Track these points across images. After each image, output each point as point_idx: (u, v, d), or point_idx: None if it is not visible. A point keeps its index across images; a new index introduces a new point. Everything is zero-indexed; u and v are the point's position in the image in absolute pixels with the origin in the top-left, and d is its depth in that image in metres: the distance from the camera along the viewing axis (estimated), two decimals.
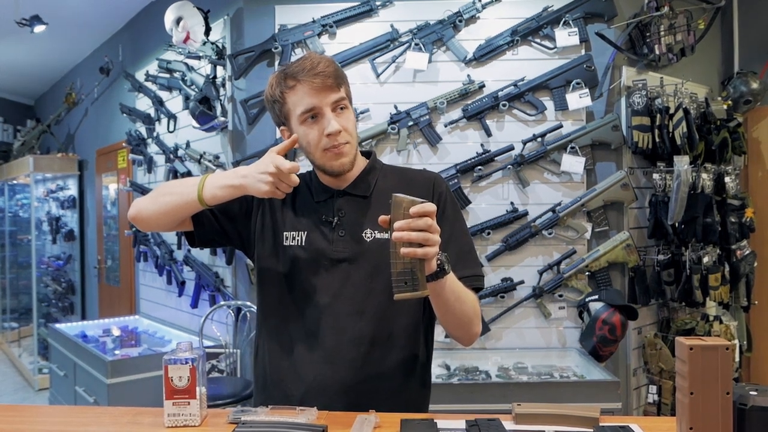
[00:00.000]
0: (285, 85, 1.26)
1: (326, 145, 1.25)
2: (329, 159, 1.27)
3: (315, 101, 1.24)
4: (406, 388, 1.33)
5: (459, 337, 1.31)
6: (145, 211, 1.32)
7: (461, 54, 2.89)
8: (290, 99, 1.26)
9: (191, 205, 1.27)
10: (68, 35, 4.85)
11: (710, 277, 2.85)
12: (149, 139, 4.00)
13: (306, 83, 1.23)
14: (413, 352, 1.33)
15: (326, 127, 1.24)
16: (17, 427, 1.19)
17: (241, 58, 3.04)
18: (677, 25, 2.88)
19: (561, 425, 1.13)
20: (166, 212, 1.29)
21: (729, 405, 0.91)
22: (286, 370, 1.31)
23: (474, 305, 1.27)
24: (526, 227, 2.84)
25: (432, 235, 1.05)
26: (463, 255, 1.29)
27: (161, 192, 1.32)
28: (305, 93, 1.24)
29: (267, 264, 1.35)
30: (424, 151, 2.91)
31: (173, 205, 1.28)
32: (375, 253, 1.28)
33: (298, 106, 1.25)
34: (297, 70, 1.25)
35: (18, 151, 5.98)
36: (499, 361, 2.73)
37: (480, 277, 1.31)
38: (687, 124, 2.74)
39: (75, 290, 5.79)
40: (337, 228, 1.30)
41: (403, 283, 1.06)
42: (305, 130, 1.26)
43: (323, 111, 1.24)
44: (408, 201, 1.04)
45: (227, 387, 2.83)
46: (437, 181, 1.36)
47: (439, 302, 1.19)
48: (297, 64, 1.26)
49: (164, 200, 1.29)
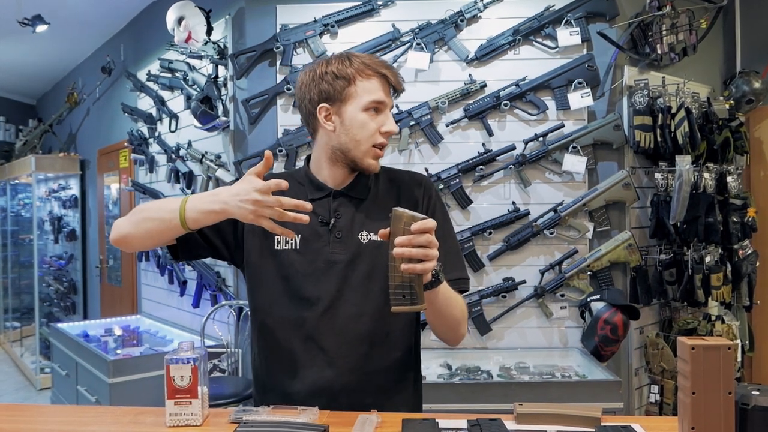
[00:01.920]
0: (361, 71, 1.27)
1: (377, 141, 1.28)
2: (372, 155, 1.29)
3: (386, 98, 1.28)
4: (404, 386, 1.35)
5: (447, 339, 1.33)
6: (129, 236, 1.28)
7: (463, 53, 2.89)
8: (362, 84, 1.26)
9: (175, 230, 1.23)
10: (70, 35, 4.85)
11: (712, 277, 2.84)
12: (151, 138, 4.00)
13: (386, 79, 1.28)
14: (409, 350, 1.35)
15: (386, 124, 1.28)
16: (19, 426, 1.19)
17: (242, 58, 3.04)
18: (679, 25, 2.87)
19: (563, 425, 1.12)
20: (150, 237, 1.26)
21: (731, 405, 0.91)
22: (285, 373, 1.31)
23: (462, 308, 1.29)
24: (528, 227, 2.84)
25: (431, 251, 1.06)
26: (450, 258, 1.30)
27: (142, 217, 1.27)
28: (381, 86, 1.27)
29: (258, 269, 1.33)
30: (425, 151, 2.91)
31: (156, 231, 1.24)
32: (371, 255, 1.29)
33: (372, 94, 1.26)
34: (376, 63, 1.28)
35: (20, 150, 5.99)
36: (500, 361, 2.72)
37: (466, 280, 1.34)
38: (689, 124, 2.73)
39: (77, 290, 5.79)
40: (333, 230, 1.30)
41: (401, 296, 1.08)
42: (366, 118, 1.27)
43: (386, 110, 1.28)
44: (408, 216, 1.06)
45: (229, 387, 2.83)
46: (426, 184, 1.39)
47: (432, 309, 1.21)
48: (369, 58, 1.29)
49: (146, 226, 1.25)
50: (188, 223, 1.20)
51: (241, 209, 1.13)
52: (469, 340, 2.87)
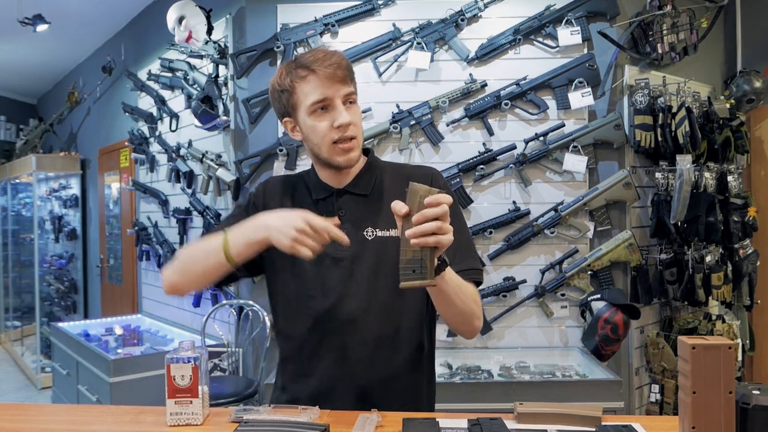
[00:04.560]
0: (296, 75, 1.23)
1: (335, 138, 1.23)
2: (337, 153, 1.25)
3: (328, 92, 1.21)
4: (414, 385, 1.33)
5: (462, 331, 1.29)
6: (179, 285, 1.30)
7: (463, 53, 2.89)
8: (301, 89, 1.23)
9: (222, 268, 1.23)
10: (71, 34, 4.86)
11: (713, 277, 2.84)
12: (151, 138, 4.00)
13: (320, 73, 1.21)
14: (419, 348, 1.32)
15: (337, 118, 1.21)
16: (20, 425, 1.19)
17: (243, 57, 3.04)
18: (680, 24, 2.87)
19: (563, 424, 1.12)
20: (199, 281, 1.28)
21: (731, 404, 0.91)
22: (297, 372, 1.32)
23: (475, 298, 1.25)
24: (528, 226, 2.84)
25: (445, 224, 1.02)
26: (462, 249, 1.27)
27: (187, 262, 1.29)
28: (318, 83, 1.21)
29: (274, 275, 1.35)
30: (426, 150, 2.91)
31: (205, 273, 1.25)
32: (377, 251, 1.27)
33: (310, 96, 1.22)
34: (310, 60, 1.22)
35: (21, 150, 5.99)
36: (501, 361, 2.72)
37: (479, 271, 1.30)
38: (690, 123, 2.73)
39: (77, 289, 5.80)
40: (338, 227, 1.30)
41: (411, 271, 1.04)
42: (314, 121, 1.23)
43: (335, 102, 1.22)
44: (425, 190, 1.03)
45: (229, 386, 2.83)
46: (435, 176, 1.35)
47: (441, 296, 1.17)
48: (309, 55, 1.23)
49: (194, 270, 1.27)
50: (234, 258, 1.20)
51: (283, 234, 1.12)
52: (470, 339, 2.87)
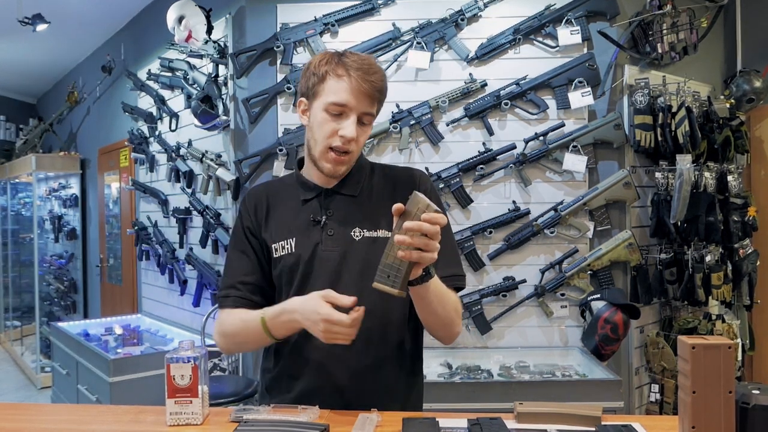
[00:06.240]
0: (334, 69, 1.23)
1: (333, 144, 1.24)
2: (327, 159, 1.26)
3: (351, 101, 1.22)
4: (400, 383, 1.34)
5: (440, 336, 1.31)
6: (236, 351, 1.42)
7: (463, 53, 2.89)
8: (330, 84, 1.23)
9: (269, 341, 1.28)
10: (70, 34, 4.85)
11: (713, 276, 2.84)
12: (151, 137, 4.00)
13: (354, 82, 1.21)
14: (406, 348, 1.34)
15: (344, 128, 1.23)
16: (20, 425, 1.19)
17: (242, 57, 3.04)
18: (680, 24, 2.87)
19: (563, 424, 1.12)
20: (254, 348, 1.45)
21: (731, 404, 0.91)
22: (285, 373, 1.33)
23: (456, 306, 1.27)
24: (528, 226, 2.84)
25: (433, 243, 1.05)
26: (445, 254, 1.26)
27: (238, 342, 1.36)
28: (347, 89, 1.22)
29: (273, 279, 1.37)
30: (426, 150, 2.91)
31: (256, 345, 1.34)
32: (364, 251, 1.28)
33: (333, 95, 1.22)
34: (353, 66, 1.23)
35: (20, 149, 5.99)
36: (501, 360, 2.72)
37: (461, 277, 1.32)
38: (689, 123, 2.73)
39: (77, 289, 5.80)
40: (325, 227, 1.30)
41: (387, 275, 1.08)
42: (324, 118, 1.24)
43: (350, 114, 1.23)
44: (425, 204, 1.05)
45: (229, 386, 2.83)
46: (422, 179, 1.36)
47: (423, 304, 1.20)
48: (355, 59, 1.24)
49: (246, 346, 1.45)
50: (278, 338, 1.26)
51: (314, 330, 1.17)
52: (470, 339, 2.87)
